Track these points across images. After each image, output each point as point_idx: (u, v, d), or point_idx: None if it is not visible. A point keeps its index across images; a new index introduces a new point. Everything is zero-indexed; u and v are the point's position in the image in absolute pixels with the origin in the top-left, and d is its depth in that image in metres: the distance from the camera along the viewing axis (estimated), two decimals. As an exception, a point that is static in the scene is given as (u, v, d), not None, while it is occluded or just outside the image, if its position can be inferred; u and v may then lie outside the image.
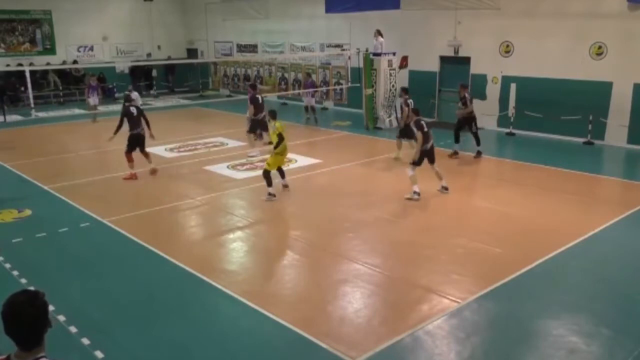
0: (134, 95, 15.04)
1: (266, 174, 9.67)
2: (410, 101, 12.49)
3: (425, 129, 9.66)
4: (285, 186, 10.28)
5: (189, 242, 8.20)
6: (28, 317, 2.40)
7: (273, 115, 9.94)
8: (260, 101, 13.32)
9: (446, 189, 9.91)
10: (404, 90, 13.27)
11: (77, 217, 8.94)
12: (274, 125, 9.73)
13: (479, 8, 15.54)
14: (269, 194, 9.68)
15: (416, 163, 9.69)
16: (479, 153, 12.72)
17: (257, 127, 13.31)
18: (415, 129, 10.00)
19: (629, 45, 13.34)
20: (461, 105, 12.71)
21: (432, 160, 9.87)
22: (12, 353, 2.47)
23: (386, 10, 17.05)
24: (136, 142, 11.20)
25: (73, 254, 7.65)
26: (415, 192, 9.64)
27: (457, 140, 12.91)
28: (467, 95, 12.68)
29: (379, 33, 16.53)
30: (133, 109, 11.18)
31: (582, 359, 5.06)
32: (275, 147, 9.60)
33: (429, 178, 10.44)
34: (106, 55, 24.50)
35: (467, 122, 12.70)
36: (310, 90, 17.63)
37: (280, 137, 9.57)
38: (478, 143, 12.69)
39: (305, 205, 9.72)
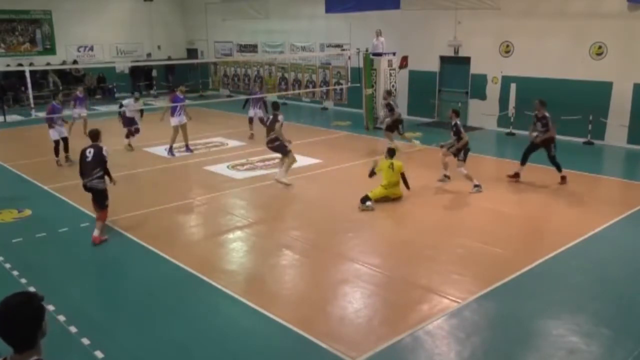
0: (126, 102, 13.84)
1: (363, 199, 9.20)
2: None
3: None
4: (368, 205, 9.24)
5: (189, 242, 8.20)
6: (19, 319, 2.37)
7: (390, 153, 9.65)
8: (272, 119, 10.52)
9: (448, 177, 10.61)
10: (388, 93, 13.94)
11: (77, 217, 8.94)
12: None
13: (479, 8, 15.54)
14: (366, 204, 9.18)
15: (464, 160, 10.20)
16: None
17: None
18: (460, 129, 10.20)
19: (629, 45, 13.34)
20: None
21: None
22: (8, 355, 2.46)
23: (386, 10, 17.04)
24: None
25: (73, 254, 7.65)
26: (476, 186, 10.05)
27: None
28: (546, 115, 10.49)
29: (379, 33, 16.54)
30: (89, 152, 7.95)
31: (582, 359, 5.06)
32: (370, 175, 9.64)
33: (435, 178, 10.43)
34: (106, 55, 24.51)
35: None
36: (257, 97, 15.16)
37: (372, 172, 9.58)
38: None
39: (305, 205, 9.72)
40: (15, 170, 12.04)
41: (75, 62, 23.61)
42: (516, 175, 10.84)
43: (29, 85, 12.90)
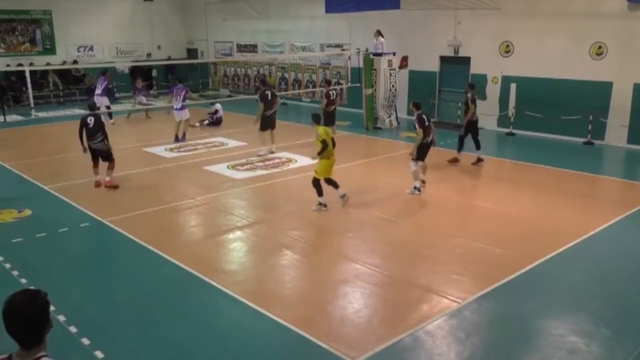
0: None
1: (315, 182, 9.02)
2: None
3: (427, 123, 9.91)
4: (343, 196, 9.30)
5: (189, 242, 8.20)
6: (27, 316, 2.41)
7: (316, 120, 9.27)
8: (270, 97, 13.15)
9: (423, 182, 10.08)
10: (327, 82, 15.31)
11: (77, 217, 8.94)
12: (317, 132, 9.02)
13: (479, 8, 15.53)
14: (320, 203, 9.09)
15: (418, 157, 9.89)
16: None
17: (267, 125, 13.09)
18: (416, 124, 9.98)
19: (629, 45, 13.35)
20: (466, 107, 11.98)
21: (425, 156, 10.06)
22: (14, 352, 2.48)
23: (386, 10, 17.05)
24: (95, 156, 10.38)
25: (73, 254, 7.65)
26: (415, 188, 9.83)
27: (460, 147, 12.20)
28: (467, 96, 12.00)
29: (379, 33, 16.53)
30: (90, 119, 10.18)
31: (582, 359, 5.06)
32: (319, 153, 8.93)
33: (436, 178, 10.43)
34: (106, 55, 24.51)
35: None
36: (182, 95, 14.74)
37: (325, 144, 8.85)
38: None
39: (305, 205, 9.71)
40: (15, 170, 12.03)
41: (75, 62, 23.60)
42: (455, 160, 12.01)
43: (29, 85, 12.91)
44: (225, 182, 11.10)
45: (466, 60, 16.48)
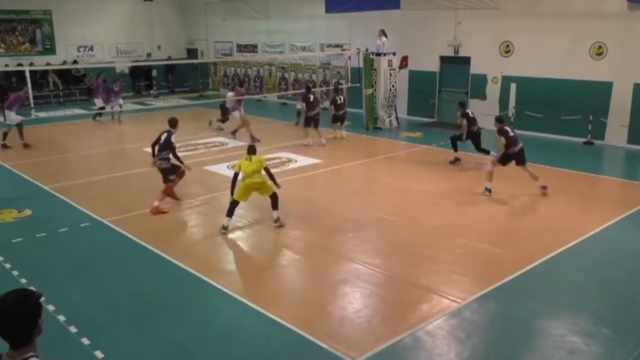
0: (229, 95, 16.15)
1: (231, 203, 8.38)
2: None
3: (511, 134, 9.95)
4: (275, 221, 8.48)
5: (189, 242, 8.20)
6: (17, 315, 2.40)
7: (249, 150, 8.62)
8: (312, 100, 14.35)
9: (544, 188, 9.84)
10: (335, 90, 15.44)
11: (77, 217, 8.94)
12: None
13: (479, 8, 15.53)
14: (223, 225, 8.32)
15: (500, 162, 9.99)
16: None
17: (310, 123, 14.29)
18: (497, 136, 10.01)
19: (629, 45, 13.34)
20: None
21: (521, 162, 10.01)
22: (4, 352, 2.48)
23: (386, 10, 17.06)
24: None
25: (73, 254, 7.65)
26: (487, 189, 9.89)
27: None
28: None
29: (383, 33, 16.51)
30: (163, 136, 9.43)
31: (582, 359, 5.06)
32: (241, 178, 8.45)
33: (436, 178, 10.44)
34: (106, 55, 24.51)
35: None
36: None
37: (235, 174, 8.46)
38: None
39: (305, 205, 9.72)
40: (15, 170, 12.03)
41: (75, 62, 23.60)
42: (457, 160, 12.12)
43: (29, 85, 12.89)
44: (226, 182, 11.04)
45: (466, 60, 16.48)
